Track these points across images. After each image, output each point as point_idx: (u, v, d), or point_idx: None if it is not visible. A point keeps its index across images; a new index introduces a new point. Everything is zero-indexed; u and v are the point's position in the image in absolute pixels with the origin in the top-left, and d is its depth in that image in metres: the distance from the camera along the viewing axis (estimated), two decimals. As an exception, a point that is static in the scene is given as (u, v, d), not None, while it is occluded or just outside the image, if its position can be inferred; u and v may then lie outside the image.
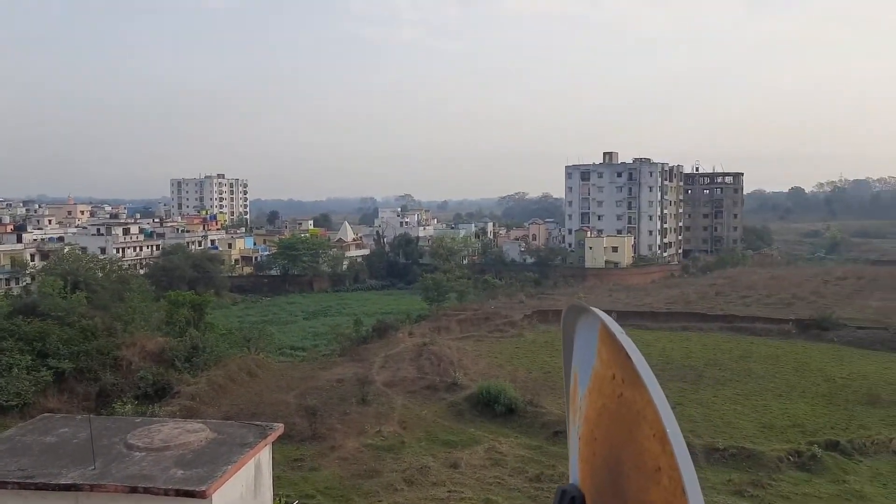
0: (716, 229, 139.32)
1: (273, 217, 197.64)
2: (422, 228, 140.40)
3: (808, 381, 43.98)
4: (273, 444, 12.75)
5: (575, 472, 1.74)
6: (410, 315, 68.48)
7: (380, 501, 26.22)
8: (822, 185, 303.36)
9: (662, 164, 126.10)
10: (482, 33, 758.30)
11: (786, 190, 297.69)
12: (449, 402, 38.74)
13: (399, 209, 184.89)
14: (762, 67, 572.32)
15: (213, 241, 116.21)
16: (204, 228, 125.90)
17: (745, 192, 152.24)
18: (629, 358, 1.46)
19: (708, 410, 38.04)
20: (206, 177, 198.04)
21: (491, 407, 36.88)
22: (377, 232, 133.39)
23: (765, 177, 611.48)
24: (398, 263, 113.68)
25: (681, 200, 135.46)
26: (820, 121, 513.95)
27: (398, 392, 40.75)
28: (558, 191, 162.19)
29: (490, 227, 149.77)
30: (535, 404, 37.28)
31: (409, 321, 64.12)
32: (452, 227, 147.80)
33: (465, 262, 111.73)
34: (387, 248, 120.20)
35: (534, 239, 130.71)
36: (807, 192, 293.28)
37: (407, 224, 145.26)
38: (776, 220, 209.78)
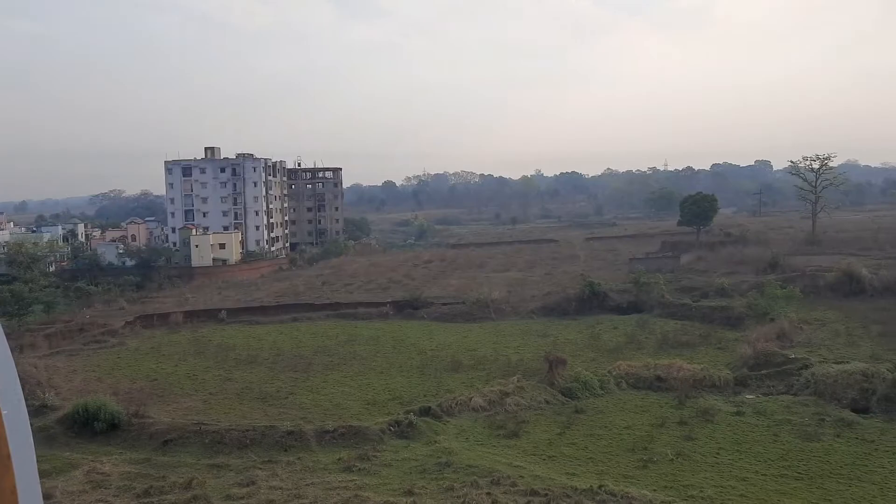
0: (319, 222, 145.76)
1: None
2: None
3: (405, 356, 48.67)
4: None
5: None
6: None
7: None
8: (410, 178, 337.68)
9: (266, 159, 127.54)
10: (62, 13, 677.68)
11: (380, 183, 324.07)
12: (37, 428, 34.28)
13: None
14: (357, 70, 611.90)
15: None
16: None
17: (344, 187, 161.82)
18: None
19: (318, 396, 39.84)
20: None
21: (90, 425, 33.69)
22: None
23: (361, 171, 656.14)
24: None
25: (285, 195, 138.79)
26: (407, 121, 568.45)
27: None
28: (159, 188, 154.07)
29: (81, 228, 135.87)
30: (141, 415, 35.06)
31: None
32: (34, 231, 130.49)
33: (52, 269, 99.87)
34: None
35: (133, 240, 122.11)
36: (398, 185, 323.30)
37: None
38: (373, 212, 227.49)
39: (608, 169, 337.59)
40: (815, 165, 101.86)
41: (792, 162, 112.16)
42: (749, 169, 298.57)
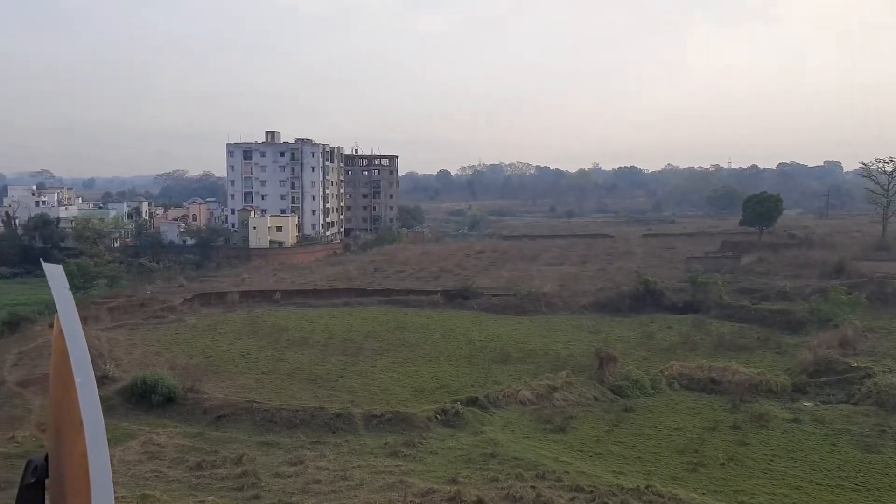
0: (374, 209, 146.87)
1: None
2: (63, 209, 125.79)
3: (453, 345, 48.75)
4: None
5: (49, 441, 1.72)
6: (50, 305, 60.98)
7: (14, 516, 23.23)
8: (465, 168, 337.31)
9: (324, 145, 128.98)
10: (136, 2, 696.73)
11: (435, 173, 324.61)
12: (99, 397, 35.54)
13: (34, 187, 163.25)
14: (418, 59, 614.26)
15: None
16: None
17: (400, 174, 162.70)
18: (56, 310, 1.51)
19: (367, 380, 40.24)
20: None
21: (147, 398, 34.74)
22: (6, 213, 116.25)
23: (417, 160, 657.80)
24: (34, 248, 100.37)
25: (342, 181, 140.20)
26: (464, 111, 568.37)
27: (36, 392, 36.24)
28: (220, 170, 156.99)
29: (145, 206, 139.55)
30: (195, 391, 35.98)
31: (49, 312, 57.23)
32: (101, 207, 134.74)
33: (116, 245, 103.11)
34: (19, 231, 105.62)
35: (194, 219, 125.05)
36: (452, 174, 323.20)
37: (45, 203, 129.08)
38: (427, 201, 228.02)
39: (669, 165, 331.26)
40: (889, 168, 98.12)
41: (863, 164, 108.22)
42: (817, 169, 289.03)
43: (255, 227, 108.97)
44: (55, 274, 1.60)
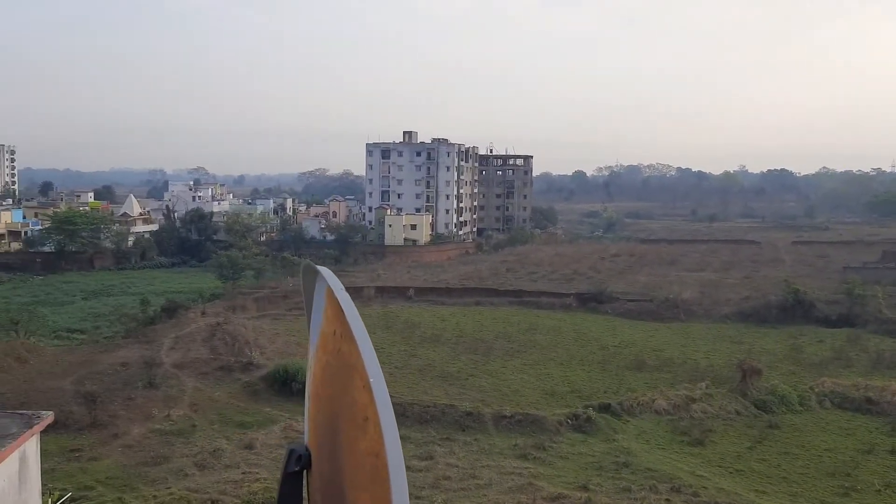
0: (507, 209, 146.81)
1: (46, 188, 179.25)
2: (216, 203, 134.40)
3: (586, 349, 47.87)
4: (44, 434, 11.68)
5: (306, 431, 1.78)
6: (203, 294, 65.45)
7: (168, 488, 24.98)
8: (601, 169, 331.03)
9: (459, 145, 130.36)
10: (283, 6, 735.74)
11: (570, 173, 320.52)
12: (244, 383, 37.66)
13: (192, 183, 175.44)
14: (554, 58, 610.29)
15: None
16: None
17: (534, 175, 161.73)
18: (342, 311, 1.52)
19: (497, 380, 40.23)
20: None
21: (288, 385, 36.35)
22: (167, 206, 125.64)
23: (552, 160, 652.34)
24: (190, 240, 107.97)
25: (476, 181, 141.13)
26: (601, 110, 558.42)
27: (189, 374, 38.91)
28: (359, 168, 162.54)
29: (289, 203, 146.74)
30: (333, 381, 37.28)
31: (201, 300, 61.27)
32: (249, 203, 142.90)
33: (262, 238, 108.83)
34: (178, 224, 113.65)
35: (334, 216, 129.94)
36: (588, 175, 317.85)
37: (200, 198, 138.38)
38: (561, 202, 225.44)
39: (823, 168, 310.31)
40: None
41: None
42: None
43: (390, 225, 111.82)
44: (329, 276, 1.62)
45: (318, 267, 1.67)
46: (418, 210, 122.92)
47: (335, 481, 1.55)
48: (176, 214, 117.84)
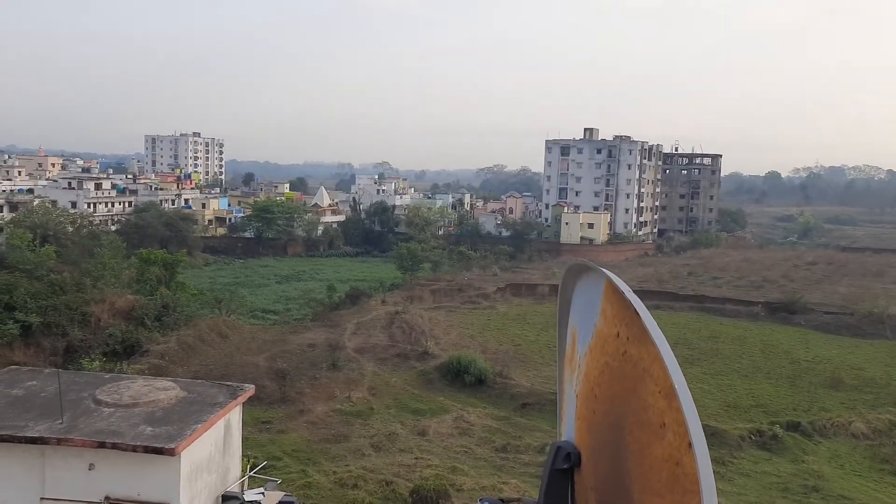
0: (691, 210, 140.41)
1: (249, 179, 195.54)
2: (398, 197, 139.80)
3: (774, 362, 44.76)
4: (243, 405, 12.70)
5: (570, 430, 1.72)
6: (384, 283, 68.41)
7: (347, 465, 26.36)
8: (798, 170, 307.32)
9: (642, 142, 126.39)
10: (470, 6, 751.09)
11: (762, 174, 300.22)
12: (419, 371, 38.93)
13: (376, 177, 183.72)
14: (745, 56, 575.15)
15: (186, 201, 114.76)
16: (178, 187, 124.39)
17: (722, 175, 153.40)
18: (637, 315, 1.42)
19: (675, 388, 38.60)
20: (181, 134, 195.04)
21: (460, 377, 37.12)
22: (353, 199, 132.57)
23: (743, 160, 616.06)
24: (373, 231, 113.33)
25: (658, 180, 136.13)
26: (800, 109, 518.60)
27: (369, 359, 40.83)
28: (537, 165, 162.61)
29: (467, 198, 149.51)
30: (504, 376, 37.58)
31: (382, 289, 64.07)
32: (429, 197, 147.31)
33: (440, 232, 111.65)
34: (363, 216, 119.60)
35: (510, 212, 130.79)
36: (783, 176, 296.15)
37: (384, 192, 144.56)
38: (752, 204, 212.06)
39: None
40: None
41: None
42: None
43: (567, 223, 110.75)
44: (614, 278, 1.60)
45: (600, 267, 1.61)
46: (596, 208, 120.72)
47: (619, 483, 1.51)
48: (361, 206, 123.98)
